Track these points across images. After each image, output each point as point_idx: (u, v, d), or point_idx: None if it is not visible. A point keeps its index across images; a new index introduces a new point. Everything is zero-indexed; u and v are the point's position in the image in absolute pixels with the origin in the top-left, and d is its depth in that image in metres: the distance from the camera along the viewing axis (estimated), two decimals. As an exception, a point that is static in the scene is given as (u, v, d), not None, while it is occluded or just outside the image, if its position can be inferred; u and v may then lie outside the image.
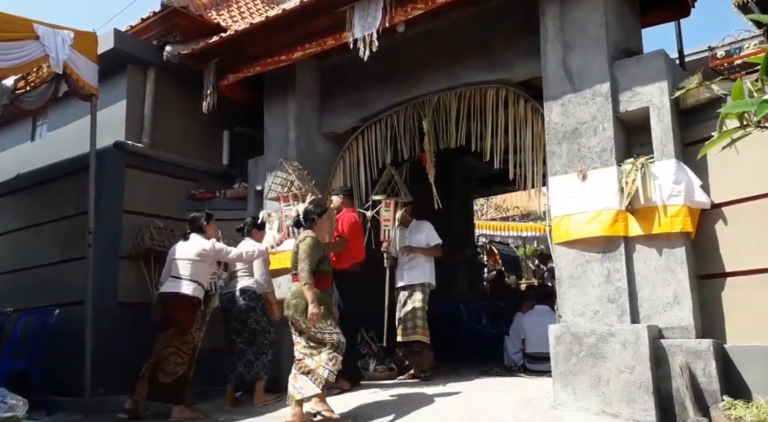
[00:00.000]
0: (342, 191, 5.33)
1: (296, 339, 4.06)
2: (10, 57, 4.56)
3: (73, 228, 5.74)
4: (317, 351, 3.96)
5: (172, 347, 4.60)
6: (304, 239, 4.08)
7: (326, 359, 3.92)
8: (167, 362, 4.58)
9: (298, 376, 3.94)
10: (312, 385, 3.87)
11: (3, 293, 6.29)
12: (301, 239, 4.10)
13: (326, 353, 3.95)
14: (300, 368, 3.95)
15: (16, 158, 7.14)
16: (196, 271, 4.73)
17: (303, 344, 4.01)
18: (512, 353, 5.91)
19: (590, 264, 3.96)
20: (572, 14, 4.28)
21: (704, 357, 3.45)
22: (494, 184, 10.01)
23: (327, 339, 3.99)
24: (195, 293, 4.69)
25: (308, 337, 4.00)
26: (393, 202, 5.35)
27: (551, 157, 4.25)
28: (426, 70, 5.31)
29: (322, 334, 3.98)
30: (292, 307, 3.99)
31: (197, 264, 4.74)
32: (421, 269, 5.34)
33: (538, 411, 3.79)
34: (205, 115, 6.04)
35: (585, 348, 3.75)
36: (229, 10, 7.08)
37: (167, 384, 4.57)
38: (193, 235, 4.86)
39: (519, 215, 15.69)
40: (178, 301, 4.65)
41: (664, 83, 3.88)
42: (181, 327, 4.62)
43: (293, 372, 3.99)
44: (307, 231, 4.16)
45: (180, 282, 4.70)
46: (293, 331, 4.08)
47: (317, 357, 3.93)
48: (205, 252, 4.75)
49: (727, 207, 3.76)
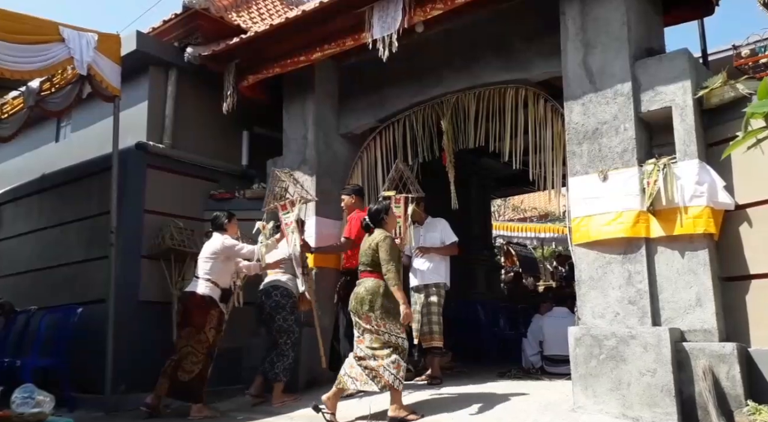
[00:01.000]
0: (353, 190, 5.28)
1: (359, 337, 4.04)
2: (36, 59, 4.66)
3: (96, 227, 5.84)
4: (380, 351, 3.92)
5: (190, 346, 4.66)
6: (384, 239, 4.07)
7: (389, 362, 3.87)
8: (186, 360, 4.65)
9: (355, 367, 3.95)
10: (371, 382, 3.87)
11: (28, 291, 6.42)
12: (380, 239, 4.07)
13: (390, 356, 3.89)
14: (361, 365, 3.94)
15: (41, 158, 7.30)
16: (212, 270, 4.78)
17: (366, 343, 3.97)
18: (530, 355, 5.87)
19: (611, 265, 3.92)
20: (593, 13, 4.24)
21: (728, 361, 3.39)
22: (512, 185, 9.95)
23: (393, 341, 3.94)
24: (207, 292, 4.73)
25: (374, 337, 3.95)
26: (403, 198, 5.14)
27: (571, 158, 4.22)
28: (444, 70, 5.30)
29: (389, 336, 3.93)
30: (367, 303, 3.94)
31: (212, 263, 4.79)
32: (436, 268, 5.20)
33: (557, 414, 3.76)
34: (225, 116, 6.10)
35: (605, 351, 3.71)
36: (249, 11, 7.14)
37: (185, 382, 4.63)
38: (215, 234, 4.92)
39: (537, 216, 15.58)
40: (192, 301, 4.72)
41: (687, 82, 3.83)
42: (195, 327, 4.68)
43: (351, 362, 3.98)
44: (381, 231, 4.14)
45: (197, 282, 4.78)
46: (357, 327, 4.06)
47: (380, 359, 3.90)
48: (217, 249, 4.80)
49: (752, 208, 3.69)
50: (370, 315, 3.94)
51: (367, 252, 4.10)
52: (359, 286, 4.09)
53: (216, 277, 4.81)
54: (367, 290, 3.99)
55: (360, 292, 4.03)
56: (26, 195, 6.98)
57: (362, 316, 3.98)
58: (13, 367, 5.14)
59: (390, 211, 4.32)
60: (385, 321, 3.94)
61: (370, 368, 3.90)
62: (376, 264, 4.03)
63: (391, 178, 5.33)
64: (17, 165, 7.73)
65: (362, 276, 4.12)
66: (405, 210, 5.12)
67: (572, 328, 3.94)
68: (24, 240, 6.87)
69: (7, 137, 6.28)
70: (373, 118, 5.84)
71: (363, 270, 4.12)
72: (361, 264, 4.14)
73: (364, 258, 4.11)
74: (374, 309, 3.92)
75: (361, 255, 4.15)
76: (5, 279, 6.95)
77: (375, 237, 4.12)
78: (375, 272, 4.04)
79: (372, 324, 3.95)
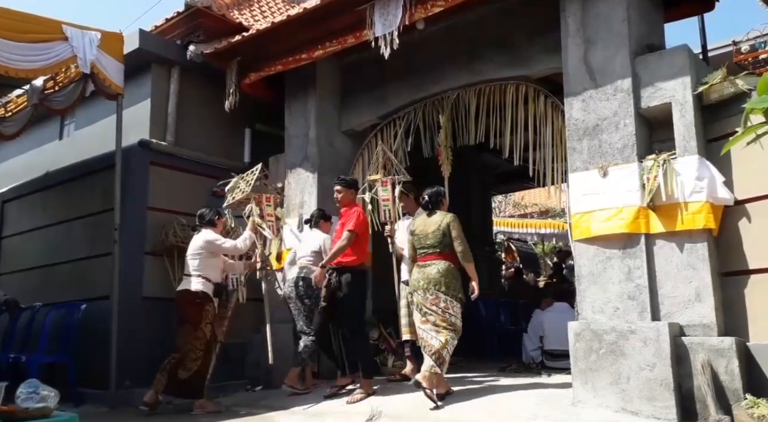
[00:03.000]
0: (350, 183, 4.97)
1: (422, 319, 4.12)
2: (39, 58, 4.69)
3: (99, 224, 5.87)
4: (443, 331, 4.05)
5: (189, 344, 4.69)
6: (454, 218, 4.22)
7: (449, 341, 4.03)
8: (187, 358, 4.67)
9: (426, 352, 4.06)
10: (429, 362, 4.00)
11: (32, 288, 6.47)
12: (450, 219, 4.22)
13: (450, 336, 4.04)
14: (427, 349, 4.05)
15: (44, 156, 7.34)
16: (200, 266, 4.81)
17: (430, 324, 4.07)
18: (531, 350, 5.90)
19: (611, 261, 3.95)
20: (594, 10, 4.25)
21: (726, 355, 3.42)
22: (513, 181, 9.97)
23: (455, 322, 4.09)
24: (200, 288, 4.76)
25: (441, 317, 4.06)
26: (389, 180, 5.08)
27: (572, 154, 4.24)
28: (445, 67, 5.32)
29: (453, 317, 4.08)
30: (442, 284, 4.07)
31: (199, 259, 4.82)
32: None
33: (557, 408, 3.79)
34: (228, 114, 6.13)
35: (605, 346, 3.74)
36: (250, 9, 7.16)
37: (184, 380, 4.66)
38: (203, 231, 4.94)
39: (537, 212, 15.59)
40: (186, 298, 4.74)
41: (687, 78, 3.84)
42: (192, 324, 4.71)
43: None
44: (443, 212, 4.29)
45: (189, 279, 4.81)
46: (421, 311, 4.14)
47: (441, 338, 4.02)
48: (201, 245, 4.84)
49: (752, 203, 3.71)
50: (439, 296, 4.08)
51: (435, 234, 4.18)
52: (429, 267, 4.16)
53: (206, 272, 4.83)
54: (440, 272, 4.11)
55: (432, 273, 4.12)
56: (30, 192, 7.02)
57: (429, 297, 4.09)
58: (19, 363, 5.19)
59: (445, 194, 4.46)
60: (454, 302, 4.10)
61: (430, 348, 4.02)
62: (444, 246, 4.16)
63: (374, 162, 5.27)
64: (21, 162, 7.77)
65: (429, 259, 4.20)
66: (392, 192, 5.07)
67: (572, 323, 3.97)
68: (28, 237, 6.91)
69: (11, 135, 6.31)
70: (374, 114, 5.86)
71: (430, 253, 4.21)
72: (426, 247, 4.23)
73: (431, 240, 4.20)
74: (447, 291, 4.07)
75: (425, 239, 4.23)
76: (10, 276, 7.00)
77: (441, 219, 4.23)
78: (443, 253, 4.17)
79: (440, 305, 4.07)
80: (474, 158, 8.24)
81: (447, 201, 4.47)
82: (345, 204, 4.80)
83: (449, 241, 4.17)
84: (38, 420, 2.68)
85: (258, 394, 5.30)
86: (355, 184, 4.98)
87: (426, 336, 4.08)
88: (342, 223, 4.70)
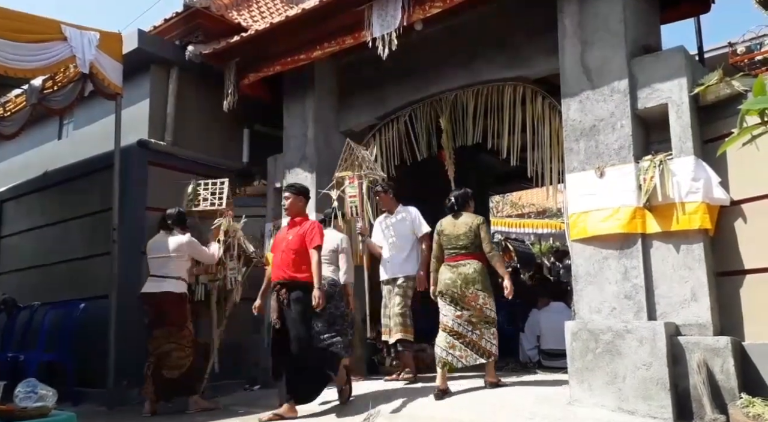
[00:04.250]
0: (300, 190, 4.52)
1: (457, 313, 4.28)
2: (38, 58, 4.70)
3: (98, 224, 5.88)
4: (482, 326, 4.26)
5: (173, 343, 4.69)
6: (483, 220, 4.45)
7: (490, 334, 4.26)
8: (169, 357, 4.67)
9: (457, 346, 4.23)
10: (475, 355, 4.20)
11: (31, 287, 6.48)
12: (480, 221, 4.43)
13: (490, 329, 4.27)
14: (462, 341, 4.23)
15: (43, 156, 7.34)
16: (178, 267, 4.83)
17: (465, 319, 4.26)
18: (528, 349, 5.92)
19: (607, 261, 3.97)
20: (590, 11, 4.27)
21: (722, 355, 3.44)
22: (510, 181, 9.98)
23: (490, 315, 4.30)
24: (183, 290, 4.81)
25: (477, 313, 4.26)
26: (356, 176, 5.00)
27: (569, 154, 4.26)
28: (444, 68, 5.34)
29: (490, 311, 4.29)
30: (479, 283, 4.27)
31: (178, 261, 4.83)
32: (407, 260, 4.94)
33: (554, 407, 3.80)
34: (226, 114, 6.14)
35: (601, 345, 3.75)
36: (249, 10, 7.18)
37: (176, 379, 4.66)
38: (175, 231, 4.94)
39: (535, 212, 15.62)
40: (169, 299, 4.72)
41: (684, 79, 3.86)
42: (176, 325, 4.72)
43: (450, 341, 4.25)
44: (471, 214, 4.48)
45: (164, 281, 4.77)
46: (456, 306, 4.28)
47: (478, 332, 4.24)
48: (182, 248, 4.86)
49: (747, 204, 3.73)
50: (479, 294, 4.28)
51: (467, 235, 4.37)
52: (464, 267, 4.33)
53: (183, 274, 4.87)
54: (476, 271, 4.31)
55: (469, 273, 4.30)
56: (29, 192, 7.03)
57: (468, 295, 4.27)
58: (17, 362, 5.20)
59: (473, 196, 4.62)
60: (490, 298, 4.31)
61: (472, 343, 4.22)
62: (476, 247, 4.36)
63: (342, 158, 5.23)
64: (20, 162, 7.78)
65: (462, 258, 4.36)
66: (360, 189, 5.03)
67: (569, 323, 3.99)
68: (27, 236, 6.92)
69: (10, 135, 6.32)
70: (372, 115, 5.88)
71: (463, 253, 4.37)
72: (458, 248, 4.38)
73: (463, 241, 4.37)
74: (484, 289, 4.29)
75: (457, 239, 4.39)
76: (9, 276, 7.01)
77: (471, 221, 4.42)
78: (475, 254, 4.36)
79: (479, 301, 4.27)
80: (472, 158, 8.25)
81: (473, 203, 4.58)
82: (294, 213, 4.44)
83: (480, 242, 4.36)
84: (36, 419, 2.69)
85: (256, 393, 5.31)
86: (305, 191, 4.59)
87: (463, 330, 4.27)
88: (299, 235, 4.28)
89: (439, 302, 4.43)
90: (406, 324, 4.86)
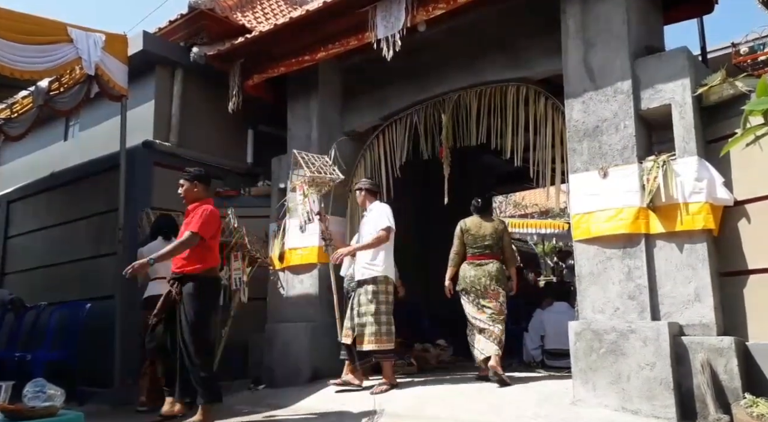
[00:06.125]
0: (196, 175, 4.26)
1: (481, 310, 4.66)
2: (45, 59, 4.74)
3: (104, 224, 5.93)
4: (500, 319, 4.63)
5: None
6: (506, 227, 4.98)
7: (502, 328, 4.62)
8: None
9: (482, 340, 4.59)
10: (495, 347, 4.52)
11: (37, 287, 6.52)
12: (504, 227, 4.93)
13: (503, 322, 4.64)
14: (488, 335, 4.58)
15: (50, 157, 7.40)
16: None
17: (488, 315, 4.63)
18: (531, 349, 5.93)
19: (611, 261, 3.97)
20: (593, 11, 4.28)
21: (726, 355, 3.44)
22: (513, 182, 9.98)
23: (505, 311, 4.71)
24: None
25: (498, 309, 4.64)
26: (303, 184, 5.01)
27: (572, 155, 4.27)
28: (447, 69, 5.35)
29: (505, 307, 4.70)
30: (502, 281, 4.69)
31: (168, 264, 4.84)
32: (371, 262, 4.62)
33: (557, 407, 3.81)
34: (231, 115, 6.17)
35: (605, 345, 3.76)
36: (253, 11, 7.21)
37: None
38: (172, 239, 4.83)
39: (538, 212, 15.61)
40: None
41: (687, 80, 3.87)
42: None
43: (478, 338, 4.61)
44: (496, 218, 5.02)
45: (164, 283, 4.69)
46: (480, 303, 4.66)
47: (498, 326, 4.60)
48: None
49: (751, 204, 3.73)
50: (500, 291, 4.67)
51: (492, 237, 4.80)
52: (489, 265, 4.72)
53: None
54: (498, 270, 4.71)
55: (493, 271, 4.69)
56: (36, 192, 7.08)
57: (491, 292, 4.65)
58: (24, 361, 5.24)
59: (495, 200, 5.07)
60: (505, 296, 4.71)
61: (494, 335, 4.56)
62: (498, 248, 4.80)
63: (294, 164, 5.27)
64: (27, 163, 7.84)
65: (486, 258, 4.76)
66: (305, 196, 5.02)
67: (573, 323, 4.00)
68: (33, 237, 6.97)
69: (17, 136, 6.37)
70: (376, 116, 5.89)
71: (487, 253, 4.77)
72: (483, 248, 4.78)
73: (489, 241, 4.79)
74: (503, 287, 4.69)
75: (483, 239, 4.78)
76: (15, 276, 7.06)
77: (497, 225, 4.88)
78: (496, 254, 4.79)
79: (500, 299, 4.67)
80: (475, 159, 8.27)
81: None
82: (190, 200, 4.18)
83: (502, 245, 4.81)
84: (44, 418, 2.72)
85: (261, 393, 5.33)
86: (201, 176, 4.25)
87: (485, 325, 4.59)
88: (186, 224, 4.08)
89: (462, 300, 4.75)
90: (380, 332, 4.48)
